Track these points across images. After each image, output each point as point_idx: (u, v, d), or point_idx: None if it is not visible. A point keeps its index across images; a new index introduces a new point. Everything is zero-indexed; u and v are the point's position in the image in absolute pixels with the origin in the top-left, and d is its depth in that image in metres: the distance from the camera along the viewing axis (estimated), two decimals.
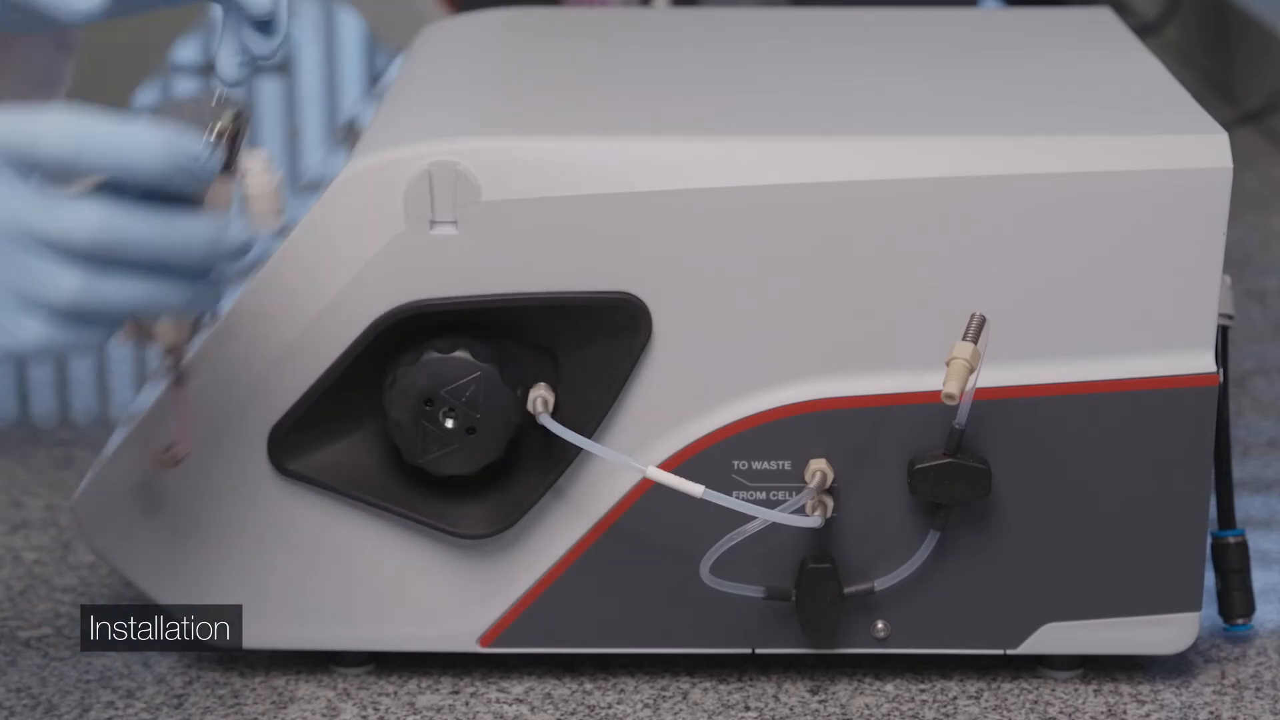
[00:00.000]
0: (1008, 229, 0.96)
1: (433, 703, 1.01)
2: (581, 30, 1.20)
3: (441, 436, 0.97)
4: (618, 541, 0.99)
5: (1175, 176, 0.96)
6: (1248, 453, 1.27)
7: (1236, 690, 1.02)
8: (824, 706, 1.00)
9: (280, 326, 0.97)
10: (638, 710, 1.00)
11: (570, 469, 0.99)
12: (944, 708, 1.00)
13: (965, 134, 0.97)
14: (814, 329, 0.97)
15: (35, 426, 1.31)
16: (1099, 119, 1.00)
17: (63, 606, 1.10)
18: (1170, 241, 0.96)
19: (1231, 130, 0.99)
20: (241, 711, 1.00)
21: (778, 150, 0.96)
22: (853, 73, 1.09)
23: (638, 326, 0.97)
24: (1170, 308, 0.97)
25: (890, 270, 0.96)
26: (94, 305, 0.82)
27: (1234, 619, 1.05)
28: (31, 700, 1.01)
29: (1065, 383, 0.97)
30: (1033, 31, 1.18)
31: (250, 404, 0.98)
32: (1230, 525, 1.05)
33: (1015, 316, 0.96)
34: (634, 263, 0.96)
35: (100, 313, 0.83)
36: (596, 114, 1.01)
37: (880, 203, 0.96)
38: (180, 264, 0.84)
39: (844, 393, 0.98)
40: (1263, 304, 1.50)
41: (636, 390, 0.98)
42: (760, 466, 0.98)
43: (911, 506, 0.99)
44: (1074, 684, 1.02)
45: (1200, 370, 0.97)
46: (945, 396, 0.93)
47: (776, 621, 1.00)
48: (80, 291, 0.81)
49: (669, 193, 0.96)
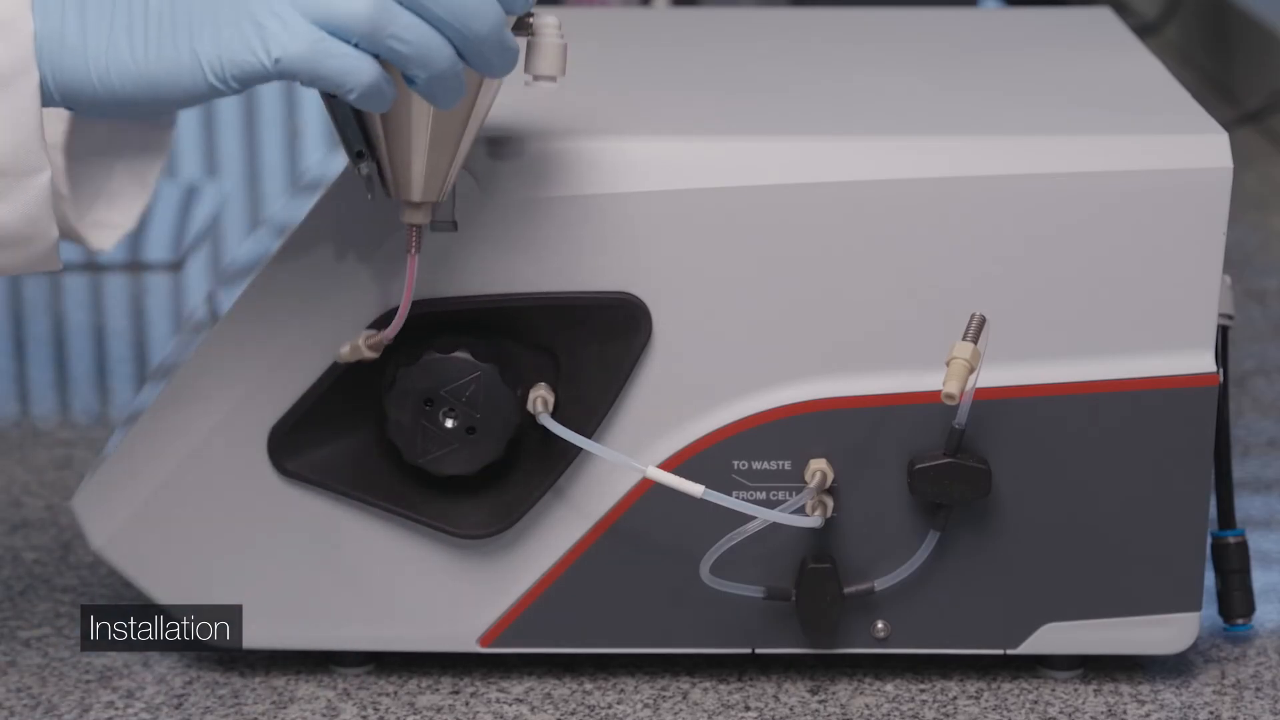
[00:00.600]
0: (1008, 229, 0.96)
1: (433, 703, 1.01)
2: (581, 30, 1.20)
3: (441, 436, 0.97)
4: (618, 541, 0.99)
5: (1175, 176, 0.96)
6: (1248, 453, 1.27)
7: (1236, 690, 1.02)
8: (824, 706, 1.00)
9: (280, 326, 0.97)
10: (638, 710, 1.00)
11: (570, 469, 0.99)
12: (944, 708, 1.00)
13: (965, 134, 0.97)
14: (814, 329, 0.97)
15: (35, 426, 1.31)
16: (1099, 119, 1.00)
17: (63, 606, 1.10)
18: (1170, 241, 0.96)
19: (1231, 130, 0.99)
20: (241, 711, 1.00)
21: (778, 150, 0.96)
22: (853, 73, 1.09)
23: (638, 326, 0.97)
24: (1170, 308, 0.97)
25: (890, 270, 0.96)
26: (380, 27, 0.84)
27: (1234, 619, 1.05)
28: (31, 700, 1.01)
29: (1065, 383, 0.97)
30: (1033, 31, 1.18)
31: (250, 404, 0.98)
32: (1230, 525, 1.05)
33: (1015, 316, 0.96)
34: (634, 263, 0.96)
35: (379, 40, 0.84)
36: (596, 114, 1.01)
37: (880, 203, 0.96)
38: (466, 32, 0.85)
39: (844, 393, 0.98)
40: (1263, 304, 1.50)
41: (636, 390, 0.98)
42: (760, 466, 0.98)
43: (911, 506, 0.99)
44: (1074, 684, 1.02)
45: (1200, 370, 0.97)
46: (945, 396, 0.93)
47: (776, 621, 1.00)
48: (374, 7, 0.83)
49: (669, 193, 0.96)
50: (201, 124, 1.94)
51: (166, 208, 1.68)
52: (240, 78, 0.85)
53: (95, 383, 1.38)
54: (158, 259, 1.59)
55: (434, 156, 0.90)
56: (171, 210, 1.68)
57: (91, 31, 0.86)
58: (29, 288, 1.55)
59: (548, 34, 0.92)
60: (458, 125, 0.90)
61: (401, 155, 0.90)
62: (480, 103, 0.90)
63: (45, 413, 1.34)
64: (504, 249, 0.96)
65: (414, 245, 0.92)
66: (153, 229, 1.64)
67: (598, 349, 0.97)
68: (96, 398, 1.37)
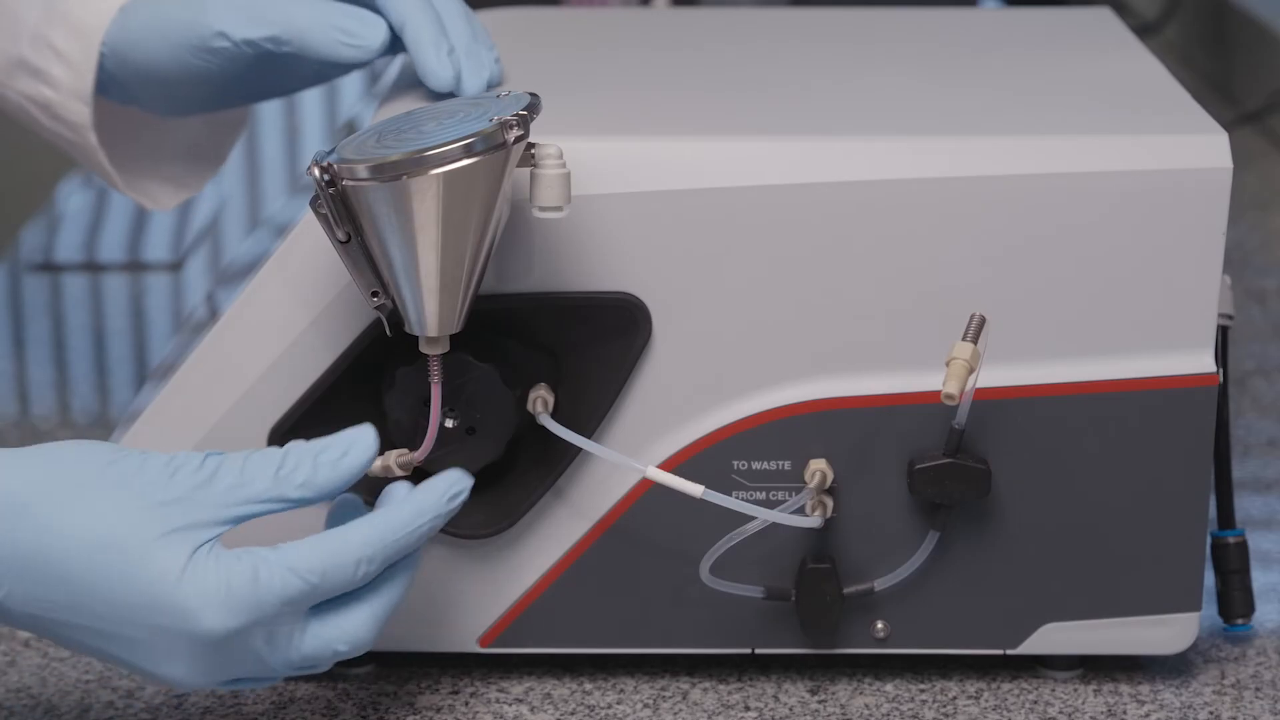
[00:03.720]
0: (1007, 229, 0.96)
1: (433, 703, 1.01)
2: (581, 30, 1.20)
3: (441, 437, 0.96)
4: (618, 541, 0.99)
5: (1175, 176, 0.96)
6: (1248, 453, 1.27)
7: (1236, 690, 1.02)
8: (824, 706, 1.00)
9: (280, 326, 0.97)
10: (638, 710, 1.00)
11: (570, 469, 0.99)
12: (944, 708, 1.00)
13: (965, 134, 0.97)
14: (814, 329, 0.97)
15: (35, 426, 1.31)
16: (1099, 119, 1.00)
17: None
18: (1170, 241, 0.96)
19: (1231, 130, 0.99)
20: (241, 711, 1.00)
21: (778, 150, 0.96)
22: (852, 73, 1.09)
23: (638, 326, 0.97)
24: (1170, 308, 0.97)
25: (890, 270, 0.96)
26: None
27: (1234, 619, 1.05)
28: (31, 700, 1.01)
29: (1065, 383, 0.97)
30: (1033, 31, 1.18)
31: (250, 404, 0.98)
32: (1230, 525, 1.05)
33: (1015, 316, 0.96)
34: (634, 263, 0.96)
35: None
36: (596, 114, 1.01)
37: (880, 203, 0.96)
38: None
39: (844, 393, 0.98)
40: (1263, 304, 1.50)
41: (636, 390, 0.98)
42: (760, 466, 0.98)
43: (911, 506, 0.99)
44: (1074, 684, 1.02)
45: (1200, 370, 0.97)
46: (945, 397, 0.93)
47: (776, 621, 1.00)
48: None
49: (669, 193, 0.96)
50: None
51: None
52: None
53: (95, 383, 1.38)
54: (157, 259, 1.59)
55: (445, 296, 0.91)
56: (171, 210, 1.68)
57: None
58: (29, 288, 1.55)
59: (549, 165, 0.92)
60: (468, 266, 0.91)
61: (414, 298, 0.91)
62: (486, 240, 0.91)
63: (45, 412, 1.33)
64: (504, 249, 0.96)
65: (436, 374, 0.93)
66: (152, 229, 1.64)
67: (598, 349, 0.97)
68: (96, 398, 1.36)
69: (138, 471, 0.88)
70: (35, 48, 1.07)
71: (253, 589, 0.87)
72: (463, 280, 0.91)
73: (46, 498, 0.86)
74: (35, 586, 0.86)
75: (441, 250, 0.90)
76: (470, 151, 0.89)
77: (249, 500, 0.88)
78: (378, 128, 0.93)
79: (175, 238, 1.63)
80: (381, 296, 0.93)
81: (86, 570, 0.86)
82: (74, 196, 1.71)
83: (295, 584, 0.87)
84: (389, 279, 0.92)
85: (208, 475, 0.88)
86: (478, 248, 0.91)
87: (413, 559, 0.92)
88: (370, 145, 0.91)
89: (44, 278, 1.56)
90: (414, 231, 0.89)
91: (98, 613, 0.86)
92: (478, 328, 0.96)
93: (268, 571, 0.87)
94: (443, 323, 0.92)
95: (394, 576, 0.91)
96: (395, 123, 0.93)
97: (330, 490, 0.89)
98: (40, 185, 1.80)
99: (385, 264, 0.91)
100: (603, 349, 0.97)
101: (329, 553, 0.88)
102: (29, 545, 0.86)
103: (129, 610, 0.86)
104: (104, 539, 0.86)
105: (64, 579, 0.86)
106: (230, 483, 0.88)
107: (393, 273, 0.91)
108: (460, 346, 0.95)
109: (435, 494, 0.91)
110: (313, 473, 0.89)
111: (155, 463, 0.88)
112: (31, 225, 1.66)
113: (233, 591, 0.86)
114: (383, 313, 0.93)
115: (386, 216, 0.89)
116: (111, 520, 0.86)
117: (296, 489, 0.89)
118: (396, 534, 0.90)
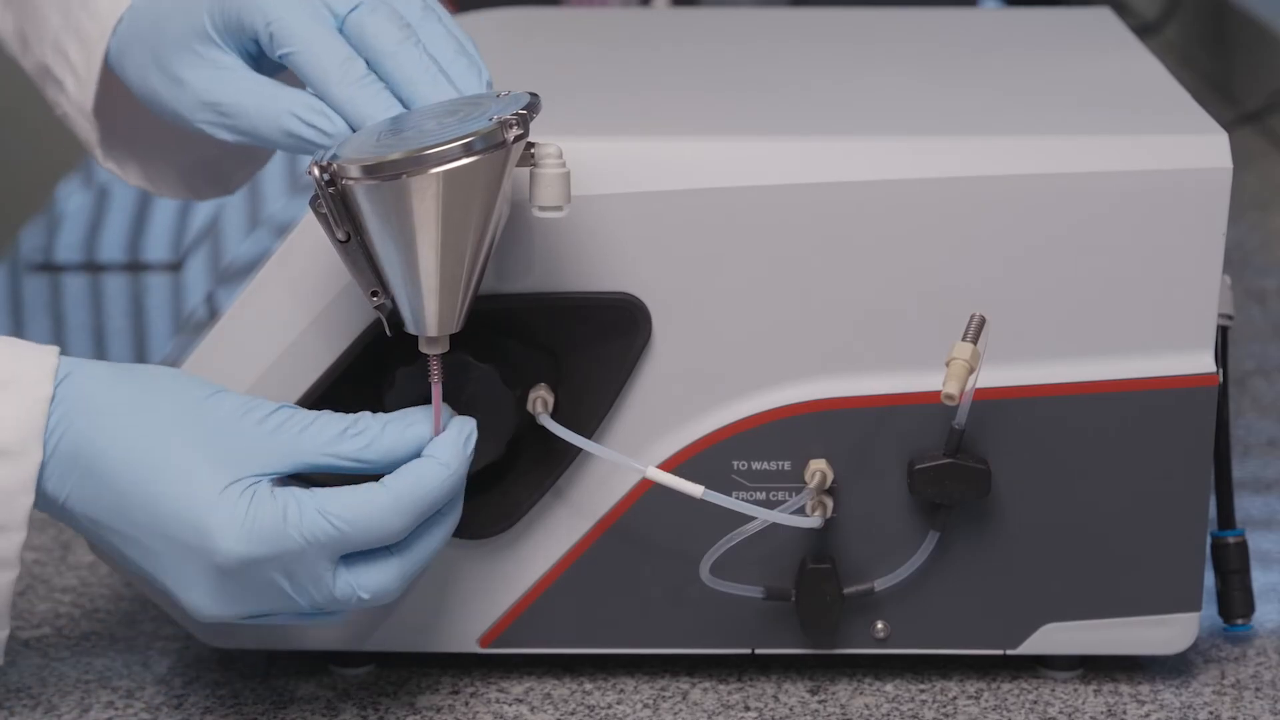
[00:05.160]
0: (1008, 229, 0.96)
1: (433, 703, 1.01)
2: (581, 30, 1.20)
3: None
4: (618, 541, 0.99)
5: (1175, 176, 0.96)
6: (1248, 453, 1.27)
7: (1236, 690, 1.02)
8: (824, 707, 1.00)
9: (280, 326, 0.97)
10: (638, 710, 1.00)
11: (570, 469, 0.99)
12: (944, 708, 1.00)
13: (965, 134, 0.97)
14: (814, 329, 0.97)
15: None
16: (1099, 119, 1.00)
17: (62, 606, 1.10)
18: (1170, 241, 0.96)
19: (1231, 130, 0.99)
20: (241, 711, 1.00)
21: (778, 150, 0.96)
22: (852, 73, 1.09)
23: (638, 326, 0.97)
24: (1170, 308, 0.97)
25: (890, 270, 0.96)
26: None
27: (1234, 619, 1.05)
28: (31, 700, 1.01)
29: (1065, 383, 0.97)
30: (1033, 31, 1.18)
31: None
32: (1230, 525, 1.05)
33: (1015, 316, 0.96)
34: (634, 263, 0.96)
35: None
36: (596, 114, 1.01)
37: (880, 203, 0.96)
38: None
39: (844, 393, 0.98)
40: (1263, 304, 1.50)
41: (636, 390, 0.98)
42: (760, 467, 0.98)
43: (911, 506, 0.99)
44: (1074, 684, 1.02)
45: (1200, 370, 0.97)
46: (945, 397, 0.93)
47: (776, 622, 1.00)
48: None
49: (669, 193, 0.96)
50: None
51: (166, 207, 1.68)
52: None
53: None
54: (157, 259, 1.59)
55: (445, 295, 0.91)
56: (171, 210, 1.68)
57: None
58: (29, 288, 1.55)
59: (549, 165, 0.92)
60: (468, 266, 0.91)
61: (414, 298, 0.91)
62: (486, 240, 0.91)
63: None
64: (504, 249, 0.96)
65: (436, 374, 0.93)
66: (152, 229, 1.64)
67: (598, 349, 0.97)
68: None
69: (214, 408, 0.92)
70: (55, 56, 1.06)
71: (277, 523, 0.90)
72: (462, 280, 0.91)
73: (124, 411, 0.91)
74: (90, 488, 0.90)
75: (441, 250, 0.90)
76: (470, 151, 0.89)
77: (308, 452, 0.91)
78: (377, 127, 0.93)
79: (175, 238, 1.63)
80: (381, 296, 0.93)
81: (135, 481, 0.90)
82: (74, 196, 1.71)
83: (323, 526, 0.90)
84: (389, 279, 0.92)
85: (276, 424, 0.92)
86: (477, 247, 0.91)
87: (447, 515, 0.94)
88: (370, 145, 0.91)
89: (44, 278, 1.56)
90: (414, 231, 0.89)
91: (136, 520, 0.90)
92: (478, 328, 0.96)
93: (297, 509, 0.90)
94: (442, 323, 0.92)
95: (428, 532, 0.94)
96: (395, 122, 0.93)
97: (391, 457, 0.92)
98: (40, 185, 1.81)
99: (385, 264, 0.91)
100: (603, 349, 0.97)
101: (362, 502, 0.91)
102: (91, 449, 0.90)
103: (161, 522, 0.90)
104: (158, 457, 0.90)
105: (113, 485, 0.90)
106: (294, 433, 0.91)
107: (392, 272, 0.91)
108: (460, 346, 0.95)
109: (454, 444, 0.93)
110: (378, 435, 0.92)
111: (231, 403, 0.92)
112: (31, 225, 1.66)
113: (257, 521, 0.89)
114: (383, 313, 0.93)
115: (386, 216, 0.89)
116: (172, 444, 0.90)
117: (358, 450, 0.92)
118: (427, 487, 0.92)
